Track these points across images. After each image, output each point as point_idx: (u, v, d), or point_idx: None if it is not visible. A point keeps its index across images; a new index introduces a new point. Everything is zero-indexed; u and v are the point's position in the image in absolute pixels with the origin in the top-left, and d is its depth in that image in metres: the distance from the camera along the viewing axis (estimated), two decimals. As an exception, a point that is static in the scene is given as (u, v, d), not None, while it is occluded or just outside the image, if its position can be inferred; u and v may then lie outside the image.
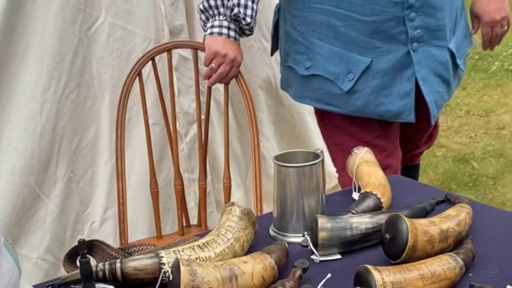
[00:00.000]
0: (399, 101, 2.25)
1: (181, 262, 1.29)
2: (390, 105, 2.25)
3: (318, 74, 2.28)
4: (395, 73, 2.22)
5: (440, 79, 2.30)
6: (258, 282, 1.34)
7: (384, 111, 2.26)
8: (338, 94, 2.26)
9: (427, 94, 2.25)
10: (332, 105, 2.30)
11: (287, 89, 2.49)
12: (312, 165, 1.59)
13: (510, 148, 4.26)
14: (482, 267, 1.45)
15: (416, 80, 2.23)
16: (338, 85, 2.25)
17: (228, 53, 2.29)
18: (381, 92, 2.23)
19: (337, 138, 2.43)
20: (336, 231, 1.50)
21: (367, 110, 2.26)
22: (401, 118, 2.28)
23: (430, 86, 2.26)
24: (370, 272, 1.29)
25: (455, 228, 1.50)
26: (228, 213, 1.52)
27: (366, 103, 2.25)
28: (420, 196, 1.76)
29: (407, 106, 2.25)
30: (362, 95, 2.24)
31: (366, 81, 2.23)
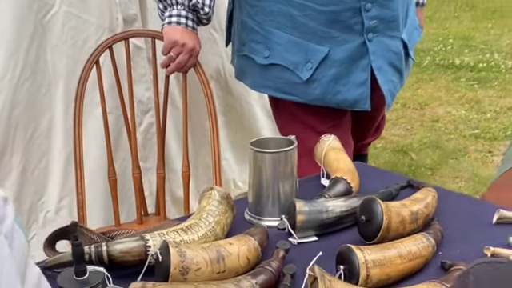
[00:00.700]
0: (355, 90, 2.31)
1: (170, 244, 1.31)
2: (347, 93, 2.31)
3: (276, 63, 2.32)
4: (352, 62, 2.28)
5: (394, 69, 2.38)
6: (243, 263, 1.38)
7: (341, 100, 2.32)
8: (296, 83, 2.31)
9: (383, 83, 2.32)
10: (291, 94, 2.34)
11: (243, 78, 2.51)
12: (287, 151, 1.64)
13: (445, 140, 4.42)
14: (450, 246, 1.53)
15: (371, 70, 2.30)
16: (296, 74, 2.29)
17: (187, 42, 2.31)
18: (338, 81, 2.29)
19: (292, 128, 2.48)
20: (313, 214, 1.55)
21: (325, 98, 2.32)
22: (357, 106, 2.34)
23: (385, 75, 2.33)
24: (353, 251, 1.34)
25: (424, 210, 1.57)
26: (208, 197, 1.55)
27: (324, 92, 2.30)
28: (384, 181, 1.82)
29: (363, 95, 2.32)
30: (320, 84, 2.29)
31: (324, 70, 2.28)
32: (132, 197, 2.62)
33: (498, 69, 5.74)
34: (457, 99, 5.10)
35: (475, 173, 3.93)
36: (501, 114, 4.76)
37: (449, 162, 4.10)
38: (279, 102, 2.46)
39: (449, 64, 5.92)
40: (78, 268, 1.23)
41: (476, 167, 4.02)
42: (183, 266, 1.30)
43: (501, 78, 5.50)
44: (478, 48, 6.38)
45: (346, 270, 1.34)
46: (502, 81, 5.44)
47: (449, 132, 4.54)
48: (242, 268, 1.37)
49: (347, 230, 1.60)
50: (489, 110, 4.84)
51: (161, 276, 1.31)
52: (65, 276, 1.23)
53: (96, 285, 1.24)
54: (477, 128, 4.56)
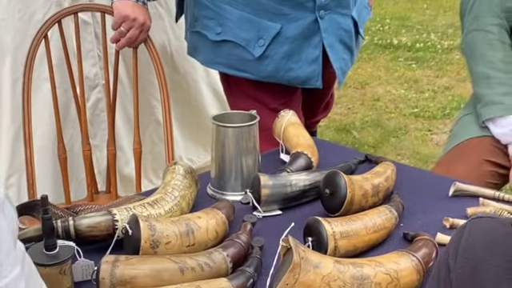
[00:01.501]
0: (307, 67, 2.32)
1: (139, 218, 1.30)
2: (298, 71, 2.32)
3: (228, 40, 2.31)
4: (303, 39, 2.30)
5: (345, 47, 2.40)
6: (212, 236, 1.38)
7: (293, 77, 2.33)
8: (249, 59, 2.30)
9: (334, 60, 2.35)
10: (243, 71, 2.34)
11: (195, 54, 2.50)
12: (250, 125, 1.64)
13: (386, 119, 4.49)
14: (411, 218, 1.57)
15: (323, 47, 2.31)
16: (249, 51, 2.29)
17: (137, 17, 2.28)
18: (290, 58, 2.30)
19: (243, 105, 2.47)
20: (277, 188, 1.56)
21: (277, 75, 2.32)
22: (309, 83, 2.36)
23: (337, 53, 2.36)
24: (321, 223, 1.36)
25: (384, 183, 1.61)
26: (172, 172, 1.54)
27: (277, 69, 2.31)
28: (342, 156, 1.85)
29: (315, 72, 2.33)
30: (272, 61, 2.30)
31: (276, 47, 2.28)
32: (81, 174, 2.57)
33: (435, 49, 5.86)
34: (396, 78, 5.18)
35: (416, 151, 4.02)
36: (438, 94, 4.87)
37: (390, 141, 4.18)
38: (231, 78, 2.45)
39: (387, 44, 6.01)
40: (48, 242, 1.21)
41: (416, 145, 4.10)
42: (153, 240, 1.29)
43: (437, 58, 5.61)
44: (415, 28, 6.49)
45: (314, 242, 1.36)
46: (438, 61, 5.56)
47: (389, 111, 4.62)
48: (211, 241, 1.38)
49: (310, 203, 1.62)
50: (427, 90, 4.95)
51: (130, 250, 1.31)
52: (34, 250, 1.21)
53: (66, 259, 1.22)
54: (416, 107, 4.65)
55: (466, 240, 1.01)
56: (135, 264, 1.23)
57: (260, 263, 1.34)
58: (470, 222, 1.05)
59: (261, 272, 1.33)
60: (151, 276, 1.22)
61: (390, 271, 1.23)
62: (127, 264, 1.22)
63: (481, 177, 2.07)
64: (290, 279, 1.16)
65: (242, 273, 1.29)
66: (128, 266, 1.22)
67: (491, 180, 2.11)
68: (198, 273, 1.25)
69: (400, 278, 1.23)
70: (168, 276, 1.22)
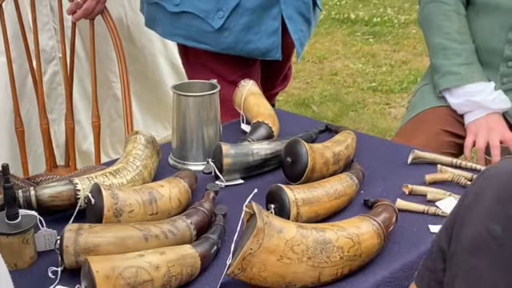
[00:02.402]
0: (267, 39, 2.32)
1: (102, 187, 1.30)
2: (258, 42, 2.32)
3: (187, 11, 2.29)
4: (263, 11, 2.29)
5: (303, 18, 2.40)
6: (175, 205, 1.38)
7: (253, 49, 2.33)
8: (208, 31, 2.29)
9: (293, 32, 2.35)
10: (202, 42, 2.33)
11: (153, 26, 2.47)
12: (211, 94, 1.64)
13: (345, 93, 4.53)
14: (371, 185, 1.59)
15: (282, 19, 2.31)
16: (208, 22, 2.27)
17: (94, -13, 2.25)
18: (250, 30, 2.29)
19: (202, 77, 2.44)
20: (239, 157, 1.57)
21: (237, 47, 2.32)
22: (268, 55, 2.35)
23: (295, 24, 2.36)
24: (283, 190, 1.38)
25: (345, 151, 1.63)
26: (133, 141, 1.53)
27: (236, 41, 2.30)
28: (302, 126, 1.87)
29: (275, 44, 2.33)
30: (231, 33, 2.29)
31: (236, 18, 2.27)
32: (39, 148, 2.55)
33: (392, 23, 5.91)
34: (353, 53, 5.22)
35: (374, 124, 4.06)
36: (395, 68, 4.92)
37: (349, 115, 4.21)
38: (189, 50, 2.43)
39: (344, 18, 6.03)
40: (10, 211, 1.20)
41: (375, 119, 4.15)
42: (116, 208, 1.29)
43: (394, 33, 5.67)
44: (372, 3, 6.53)
45: (276, 209, 1.37)
46: (395, 35, 5.61)
47: (347, 85, 4.66)
48: (174, 210, 1.38)
49: (272, 172, 1.64)
50: (384, 64, 5.00)
51: (93, 219, 1.30)
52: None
53: (29, 228, 1.22)
54: (374, 81, 4.70)
55: (486, 179, 1.04)
56: (99, 232, 1.23)
57: (223, 230, 1.35)
58: (486, 170, 1.07)
59: (224, 239, 1.34)
60: (115, 244, 1.21)
61: (351, 235, 1.25)
62: (91, 232, 1.22)
63: (439, 147, 2.11)
64: (254, 244, 1.17)
65: (206, 240, 1.30)
66: (92, 234, 1.21)
67: (449, 150, 2.14)
68: (162, 240, 1.26)
69: (361, 241, 1.25)
70: (132, 243, 1.23)
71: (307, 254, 1.21)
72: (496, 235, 0.95)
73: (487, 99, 2.06)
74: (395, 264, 1.31)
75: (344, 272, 1.25)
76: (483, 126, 2.05)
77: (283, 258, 1.19)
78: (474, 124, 2.08)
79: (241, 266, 1.18)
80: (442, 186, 1.57)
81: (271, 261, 1.19)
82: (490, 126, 2.04)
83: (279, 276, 1.20)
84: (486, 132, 2.03)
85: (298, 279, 1.22)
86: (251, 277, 1.20)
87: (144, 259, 1.16)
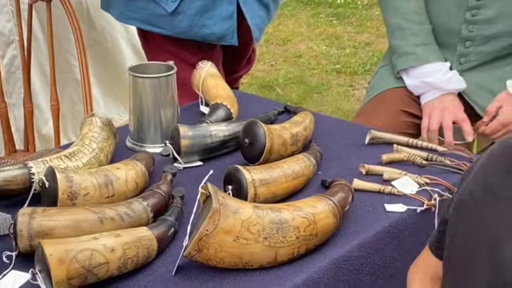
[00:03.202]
0: (222, 23, 2.30)
1: (56, 170, 1.28)
2: (213, 27, 2.30)
3: None
4: None
5: (260, 3, 2.39)
6: (132, 187, 1.38)
7: (208, 34, 2.31)
8: (162, 14, 2.26)
9: (250, 17, 2.33)
10: (157, 26, 2.30)
11: (109, 9, 2.44)
12: (168, 76, 1.63)
13: (309, 75, 4.54)
14: (329, 165, 1.60)
15: (237, 3, 2.30)
16: (161, 5, 2.25)
17: (50, -32, 2.22)
18: (204, 14, 2.27)
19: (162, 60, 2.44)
20: (197, 139, 1.56)
21: (191, 32, 2.29)
22: (224, 40, 2.34)
23: (252, 9, 2.34)
24: (240, 171, 1.38)
25: (303, 132, 1.63)
26: (89, 124, 1.52)
27: (190, 25, 2.28)
28: (261, 108, 1.86)
29: (230, 29, 2.31)
30: (185, 16, 2.26)
31: (189, 2, 2.25)
32: (-2, 133, 2.51)
33: (355, 5, 5.92)
34: (317, 35, 5.23)
35: (338, 106, 4.08)
36: (359, 50, 4.94)
37: (313, 97, 4.23)
38: (148, 34, 2.41)
39: (308, 0, 6.03)
40: (-40, 197, 1.18)
41: (339, 101, 4.17)
42: (71, 191, 1.28)
43: (358, 14, 5.69)
44: (336, -15, 6.56)
45: (234, 190, 1.37)
46: (359, 17, 5.63)
47: (312, 67, 4.67)
48: (131, 192, 1.38)
49: (230, 154, 1.64)
50: (348, 46, 5.01)
51: (48, 202, 1.29)
52: None
53: (-19, 213, 1.20)
54: (338, 63, 4.72)
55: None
56: (53, 215, 1.21)
57: (181, 212, 1.35)
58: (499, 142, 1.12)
59: (182, 221, 1.34)
60: (70, 227, 1.21)
61: (307, 215, 1.26)
62: (45, 216, 1.21)
63: (398, 127, 2.12)
64: (210, 225, 1.17)
65: (163, 222, 1.29)
66: (46, 218, 1.20)
67: (408, 130, 2.16)
68: (117, 223, 1.25)
69: (317, 221, 1.26)
70: (87, 226, 1.22)
71: (263, 234, 1.21)
72: (476, 197, 1.01)
73: (442, 80, 2.08)
74: (352, 243, 1.32)
75: (300, 251, 1.26)
76: (437, 107, 2.06)
77: (239, 238, 1.20)
78: (428, 105, 2.09)
79: (197, 248, 1.18)
80: (398, 165, 1.58)
81: (227, 241, 1.19)
82: (443, 106, 2.06)
83: (236, 256, 1.21)
84: (440, 113, 2.04)
85: (254, 259, 1.22)
86: (208, 258, 1.20)
87: (98, 242, 1.15)
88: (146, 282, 1.20)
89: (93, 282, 1.15)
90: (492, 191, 1.00)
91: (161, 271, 1.23)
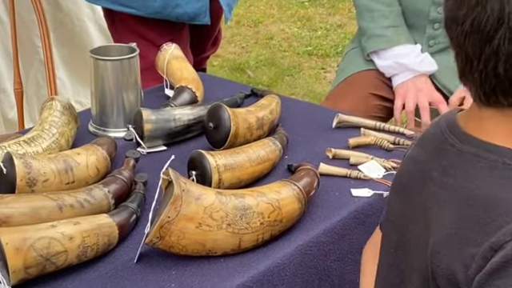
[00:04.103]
0: (195, 3, 2.27)
1: (13, 155, 1.25)
2: (186, 7, 2.27)
3: None
4: None
5: None
6: (93, 173, 1.35)
7: (181, 13, 2.28)
8: None
9: None
10: (128, 6, 2.26)
11: None
12: (130, 58, 1.60)
13: (280, 57, 4.50)
14: (295, 150, 1.58)
15: None
16: None
17: None
18: None
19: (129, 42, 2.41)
20: (160, 123, 1.53)
21: (165, 12, 2.26)
22: (197, 20, 2.31)
23: None
24: (204, 156, 1.35)
25: (269, 116, 1.61)
26: (49, 108, 1.48)
27: (164, 5, 2.24)
28: (228, 91, 1.84)
29: (203, 9, 2.29)
30: None
31: None
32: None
33: (327, -13, 5.89)
34: (289, 16, 5.18)
35: (310, 89, 4.06)
36: (331, 31, 4.91)
37: (285, 79, 4.20)
38: (115, 15, 2.36)
39: (280, -18, 5.99)
40: None
41: (310, 83, 4.14)
42: (30, 178, 1.25)
43: (330, -4, 5.66)
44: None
45: (198, 176, 1.35)
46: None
47: (283, 49, 4.63)
48: (92, 178, 1.34)
49: (195, 138, 1.61)
50: (320, 28, 4.98)
51: (6, 189, 1.26)
52: None
53: None
54: (309, 45, 4.68)
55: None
56: (10, 203, 1.18)
57: (144, 199, 1.32)
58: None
59: (144, 208, 1.31)
60: (27, 214, 1.17)
61: (271, 200, 1.23)
62: (1, 203, 1.17)
63: (367, 110, 2.11)
64: (172, 212, 1.15)
65: (125, 208, 1.26)
66: (2, 205, 1.17)
67: (378, 114, 2.15)
68: (77, 210, 1.22)
69: (282, 206, 1.24)
70: (46, 214, 1.19)
71: (227, 220, 1.19)
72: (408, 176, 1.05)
73: (414, 61, 2.07)
74: (317, 228, 1.31)
75: (265, 238, 1.24)
76: (411, 88, 2.05)
77: (202, 225, 1.17)
78: (402, 87, 2.08)
79: (159, 235, 1.15)
80: (365, 149, 1.56)
81: (190, 228, 1.17)
82: (418, 87, 2.05)
83: (199, 244, 1.19)
84: (415, 94, 2.03)
85: (218, 246, 1.20)
86: (170, 245, 1.17)
87: (56, 230, 1.12)
88: (108, 270, 1.18)
89: (52, 271, 1.13)
90: (422, 170, 1.01)
91: (122, 259, 1.20)
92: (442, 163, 0.97)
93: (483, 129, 0.94)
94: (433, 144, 1.01)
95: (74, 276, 1.15)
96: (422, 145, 1.06)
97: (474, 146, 0.93)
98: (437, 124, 1.04)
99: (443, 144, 0.98)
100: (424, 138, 1.07)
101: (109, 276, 1.16)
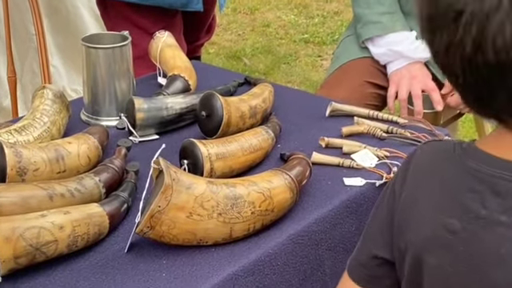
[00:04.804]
0: None
1: (4, 144, 1.24)
2: None
3: None
4: None
5: None
6: (84, 162, 1.34)
7: (174, 0, 2.27)
8: None
9: None
10: None
11: None
12: (122, 46, 1.59)
13: (277, 45, 4.49)
14: (288, 138, 1.57)
15: None
16: None
17: None
18: None
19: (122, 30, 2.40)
20: (153, 111, 1.52)
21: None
22: (190, 6, 2.30)
23: None
24: (196, 145, 1.34)
25: (262, 104, 1.60)
26: (40, 96, 1.47)
27: None
28: (221, 79, 1.83)
29: None
30: None
31: None
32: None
33: (324, -26, 5.86)
34: (286, 4, 5.16)
35: (306, 77, 4.05)
36: (328, 19, 4.89)
37: (281, 67, 4.18)
38: (108, 1, 2.35)
39: (276, -31, 5.97)
40: None
41: (307, 71, 4.13)
42: (20, 167, 1.24)
43: (326, -17, 5.63)
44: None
45: (190, 165, 1.34)
46: (327, -14, 5.57)
47: (280, 37, 4.62)
48: (84, 167, 1.34)
49: (188, 127, 1.60)
50: (316, 15, 4.96)
51: (-4, 179, 1.25)
52: None
53: None
54: (306, 33, 4.66)
55: (414, 165, 1.00)
56: (0, 192, 1.17)
57: (135, 188, 1.32)
58: (418, 147, 1.04)
59: (136, 197, 1.30)
60: (18, 204, 1.16)
61: (263, 190, 1.23)
62: (-9, 193, 1.16)
63: (362, 98, 2.10)
64: (162, 201, 1.14)
65: (116, 198, 1.26)
66: (-8, 195, 1.16)
67: (372, 102, 2.14)
68: (68, 199, 1.21)
69: (273, 196, 1.23)
70: (36, 203, 1.18)
71: (217, 209, 1.18)
72: (455, 229, 0.92)
73: (409, 48, 2.06)
74: (309, 218, 1.30)
75: (256, 227, 1.23)
76: (405, 76, 2.04)
77: (193, 214, 1.17)
78: (396, 74, 2.07)
79: (149, 224, 1.15)
80: (358, 138, 1.56)
81: (180, 218, 1.16)
82: (412, 75, 2.04)
83: (190, 233, 1.18)
84: (408, 81, 2.03)
85: (209, 236, 1.19)
86: (161, 235, 1.17)
87: (46, 219, 1.11)
88: (98, 260, 1.17)
89: (42, 261, 1.12)
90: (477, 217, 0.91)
91: (113, 249, 1.20)
92: (501, 202, 0.89)
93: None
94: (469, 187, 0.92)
95: (64, 266, 1.15)
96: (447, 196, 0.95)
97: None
98: (456, 165, 0.95)
99: (492, 182, 0.90)
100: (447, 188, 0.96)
101: (99, 265, 1.15)
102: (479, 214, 0.89)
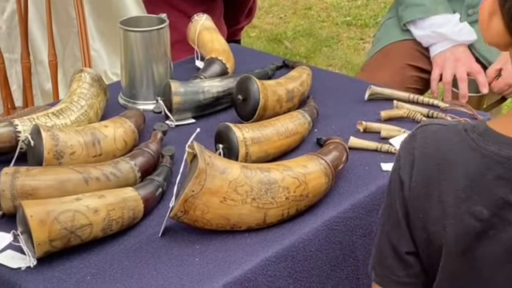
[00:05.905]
0: None
1: (41, 128, 1.25)
2: None
3: None
4: None
5: None
6: (120, 146, 1.34)
7: None
8: None
9: None
10: None
11: None
12: (159, 29, 1.58)
13: (319, 28, 4.44)
14: (325, 123, 1.55)
15: None
16: None
17: None
18: None
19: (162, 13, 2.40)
20: (189, 95, 1.52)
21: None
22: None
23: None
24: (231, 129, 1.33)
25: (299, 88, 1.58)
26: (78, 80, 1.48)
27: None
28: (259, 62, 1.81)
29: None
30: None
31: None
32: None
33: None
34: (328, -14, 5.12)
35: (348, 60, 4.00)
36: (371, 1, 4.82)
37: (322, 50, 4.14)
38: (149, -14, 2.36)
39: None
40: None
41: (349, 54, 4.09)
42: (57, 150, 1.25)
43: (370, -35, 5.55)
44: None
45: (225, 149, 1.34)
46: (371, -33, 5.49)
47: (321, 20, 4.57)
48: (120, 151, 1.34)
49: (224, 110, 1.59)
50: (359, -3, 4.91)
51: (34, 162, 1.26)
52: None
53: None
54: (348, 15, 4.61)
55: (421, 152, 0.96)
56: (37, 175, 1.18)
57: (170, 172, 1.31)
58: (419, 131, 0.99)
59: (171, 181, 1.30)
60: (54, 187, 1.18)
61: (297, 175, 1.22)
62: (28, 175, 1.18)
63: (403, 82, 2.07)
64: (196, 186, 1.14)
65: (151, 182, 1.26)
66: (29, 178, 1.17)
67: (414, 85, 2.11)
68: (103, 183, 1.22)
69: (308, 181, 1.22)
70: (72, 186, 1.19)
71: (251, 195, 1.17)
72: (483, 217, 0.89)
73: (453, 31, 2.02)
74: (345, 203, 1.28)
75: (291, 213, 1.22)
76: (450, 58, 2.01)
77: (226, 199, 1.16)
78: (439, 56, 2.04)
79: (183, 209, 1.15)
80: (397, 122, 1.53)
81: (214, 202, 1.16)
82: (456, 57, 2.00)
83: (223, 218, 1.18)
84: (453, 64, 1.99)
85: (242, 221, 1.19)
86: (195, 219, 1.17)
87: (81, 203, 1.12)
88: (132, 244, 1.17)
89: (77, 244, 1.13)
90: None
91: (147, 233, 1.20)
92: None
93: None
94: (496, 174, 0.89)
95: (99, 249, 1.15)
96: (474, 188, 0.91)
97: None
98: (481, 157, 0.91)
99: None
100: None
101: (133, 250, 1.16)
102: (508, 200, 0.87)
